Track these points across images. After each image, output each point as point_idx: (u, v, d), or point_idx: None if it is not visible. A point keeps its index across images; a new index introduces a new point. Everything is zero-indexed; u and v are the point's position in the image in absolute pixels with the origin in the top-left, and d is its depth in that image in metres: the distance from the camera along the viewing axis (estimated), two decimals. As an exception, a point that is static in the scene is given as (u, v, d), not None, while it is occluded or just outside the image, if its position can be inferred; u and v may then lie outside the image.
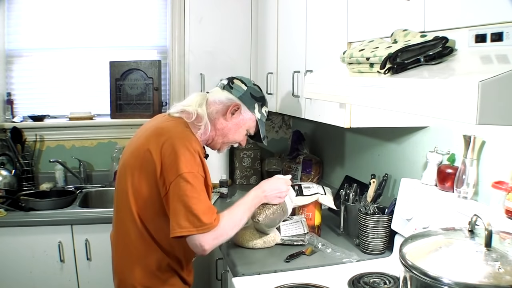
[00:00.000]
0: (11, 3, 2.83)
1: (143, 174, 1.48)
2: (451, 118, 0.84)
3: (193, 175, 1.42)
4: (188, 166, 1.41)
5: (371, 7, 1.45)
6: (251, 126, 1.68)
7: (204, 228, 1.39)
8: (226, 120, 1.63)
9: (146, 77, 2.98)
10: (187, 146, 1.44)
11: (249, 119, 1.67)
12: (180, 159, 1.41)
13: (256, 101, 1.67)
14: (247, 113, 1.65)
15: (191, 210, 1.38)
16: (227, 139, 1.66)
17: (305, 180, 2.53)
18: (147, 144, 1.48)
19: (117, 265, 1.61)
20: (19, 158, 2.72)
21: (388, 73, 1.08)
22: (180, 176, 1.40)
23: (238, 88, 1.65)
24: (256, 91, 1.68)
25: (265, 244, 1.74)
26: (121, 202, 1.55)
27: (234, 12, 2.71)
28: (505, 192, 1.27)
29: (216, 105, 1.62)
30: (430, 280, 0.90)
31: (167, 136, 1.47)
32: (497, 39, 0.95)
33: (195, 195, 1.40)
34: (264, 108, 1.71)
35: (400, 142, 1.87)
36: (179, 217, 1.39)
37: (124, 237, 1.55)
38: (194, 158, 1.44)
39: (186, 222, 1.38)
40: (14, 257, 2.30)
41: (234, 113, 1.63)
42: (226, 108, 1.62)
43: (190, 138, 1.49)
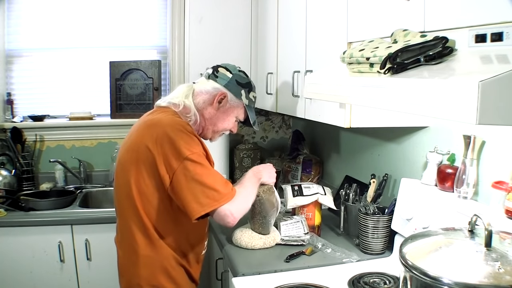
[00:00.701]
0: (11, 3, 2.83)
1: (143, 169, 1.47)
2: (451, 118, 0.84)
3: (198, 155, 1.44)
4: (190, 148, 1.43)
5: (371, 7, 1.45)
6: (240, 112, 1.70)
7: (225, 198, 1.42)
8: (214, 109, 1.64)
9: (146, 77, 2.98)
10: (181, 130, 1.45)
11: (237, 106, 1.68)
12: (179, 144, 1.42)
13: (242, 88, 1.67)
14: (234, 101, 1.66)
15: (207, 185, 1.41)
16: (217, 128, 1.67)
17: (305, 180, 2.53)
18: (141, 138, 1.48)
19: (122, 265, 1.60)
20: (19, 158, 2.72)
21: (388, 73, 1.08)
22: (186, 159, 1.41)
23: (223, 77, 1.66)
24: (242, 78, 1.68)
25: (265, 245, 1.74)
26: (123, 201, 1.54)
27: (234, 12, 2.71)
28: (505, 192, 1.27)
29: (202, 95, 1.63)
30: (430, 280, 0.90)
31: (158, 125, 1.48)
32: (497, 39, 0.95)
33: (206, 171, 1.43)
34: (252, 93, 1.71)
35: (400, 142, 1.87)
36: (198, 196, 1.40)
37: (129, 237, 1.54)
38: (192, 139, 1.45)
39: (206, 199, 1.40)
40: (14, 257, 2.29)
41: (221, 102, 1.64)
42: (213, 98, 1.63)
43: (181, 122, 1.51)
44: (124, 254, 1.59)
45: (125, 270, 1.59)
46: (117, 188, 1.59)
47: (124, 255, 1.59)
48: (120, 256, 1.61)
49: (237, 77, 1.67)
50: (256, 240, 1.73)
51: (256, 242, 1.73)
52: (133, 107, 3.01)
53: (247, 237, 1.75)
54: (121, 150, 1.60)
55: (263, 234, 1.77)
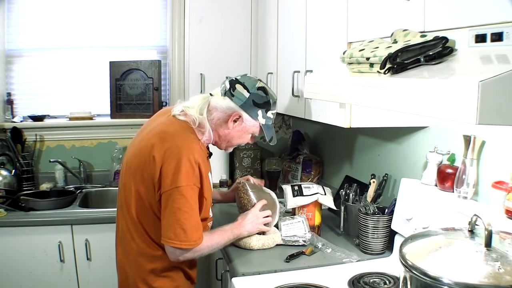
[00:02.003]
0: (11, 3, 2.83)
1: (144, 177, 1.49)
2: (451, 118, 0.84)
3: (190, 188, 1.44)
4: (186, 179, 1.43)
5: (371, 7, 1.45)
6: (255, 131, 1.66)
7: (187, 244, 1.44)
8: (229, 128, 1.60)
9: (146, 77, 2.98)
10: (188, 157, 1.44)
11: (253, 126, 1.63)
12: (180, 171, 1.42)
13: (259, 108, 1.60)
14: (249, 121, 1.61)
15: (181, 223, 1.42)
16: (231, 144, 1.67)
17: (305, 180, 2.52)
18: (151, 148, 1.48)
19: (120, 261, 1.62)
20: (19, 158, 2.71)
21: (388, 73, 1.08)
22: (177, 188, 1.42)
23: (239, 96, 1.58)
24: (260, 97, 1.59)
25: (263, 245, 1.74)
26: (124, 201, 1.57)
27: (234, 12, 2.70)
28: (505, 192, 1.27)
29: (217, 112, 1.59)
30: (430, 280, 0.90)
31: (171, 143, 1.47)
32: (497, 39, 0.95)
33: (188, 209, 1.43)
34: (270, 112, 1.64)
35: (400, 142, 1.87)
36: (168, 228, 1.44)
37: (127, 236, 1.56)
38: (193, 170, 1.45)
39: (172, 234, 1.43)
40: (14, 257, 2.29)
41: (236, 121, 1.60)
42: (228, 117, 1.58)
43: (193, 147, 1.49)
44: (123, 251, 1.60)
45: (122, 267, 1.61)
46: (121, 188, 1.61)
47: (122, 252, 1.60)
48: (119, 252, 1.63)
49: (254, 97, 1.58)
50: (255, 241, 1.73)
51: (254, 243, 1.73)
52: (133, 107, 3.01)
53: (246, 238, 1.74)
54: (130, 151, 1.61)
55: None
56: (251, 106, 1.59)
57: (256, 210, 1.73)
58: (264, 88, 1.62)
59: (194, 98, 1.63)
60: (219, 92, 1.63)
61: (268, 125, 1.65)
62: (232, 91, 1.58)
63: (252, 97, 1.58)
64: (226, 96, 1.59)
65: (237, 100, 1.58)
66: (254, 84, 1.60)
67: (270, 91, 1.64)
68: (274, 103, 1.66)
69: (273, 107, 1.65)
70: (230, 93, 1.59)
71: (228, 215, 2.07)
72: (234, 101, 1.58)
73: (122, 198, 1.59)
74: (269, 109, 1.63)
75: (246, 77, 1.64)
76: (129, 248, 1.56)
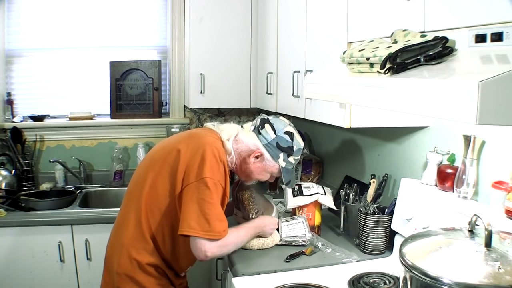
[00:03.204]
0: (11, 3, 2.83)
1: (166, 168, 1.52)
2: (451, 118, 0.84)
3: (214, 182, 1.46)
4: (212, 173, 1.46)
5: (371, 7, 1.45)
6: (274, 172, 1.69)
7: (211, 234, 1.43)
8: (249, 163, 1.65)
9: (146, 77, 2.98)
10: (214, 154, 1.49)
11: (272, 166, 1.67)
12: (205, 164, 1.46)
13: (282, 151, 1.65)
14: (270, 161, 1.65)
15: (204, 214, 1.43)
16: (250, 178, 1.71)
17: (305, 180, 2.52)
18: (178, 142, 1.56)
19: (109, 249, 1.63)
20: (19, 158, 2.72)
21: (388, 73, 1.08)
22: (202, 180, 1.45)
23: (265, 135, 1.64)
24: (285, 141, 1.64)
25: (263, 245, 1.74)
26: (134, 191, 1.58)
27: (234, 12, 2.70)
28: (505, 192, 1.27)
29: (242, 145, 1.64)
30: (430, 280, 0.90)
31: (199, 140, 1.53)
32: (497, 39, 0.95)
33: (212, 201, 1.45)
34: (292, 157, 1.67)
35: (400, 142, 1.87)
36: (190, 217, 1.43)
37: (122, 226, 1.58)
38: (218, 167, 1.49)
39: (196, 224, 1.42)
40: (14, 257, 2.29)
41: (257, 158, 1.65)
42: (251, 152, 1.64)
43: (220, 148, 1.54)
44: (114, 239, 1.61)
45: (109, 255, 1.62)
46: (136, 178, 1.62)
47: (113, 240, 1.61)
48: (111, 240, 1.63)
49: (279, 140, 1.64)
50: (254, 241, 1.73)
51: (254, 243, 1.72)
52: (133, 107, 3.01)
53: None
54: (155, 148, 1.66)
55: None
56: (275, 148, 1.64)
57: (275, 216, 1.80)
58: (292, 134, 1.67)
59: (226, 125, 1.70)
60: (248, 126, 1.70)
61: (288, 169, 1.69)
62: (261, 129, 1.65)
63: (277, 140, 1.64)
64: (254, 132, 1.66)
65: (263, 139, 1.64)
66: (282, 128, 1.66)
67: (297, 137, 1.69)
68: (298, 150, 1.69)
69: (296, 154, 1.69)
70: (258, 130, 1.66)
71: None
72: (260, 139, 1.64)
73: (133, 185, 1.61)
74: (291, 155, 1.67)
75: (278, 119, 1.69)
76: (120, 236, 1.57)
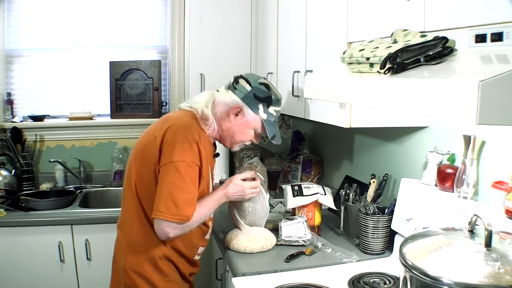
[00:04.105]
0: (11, 3, 2.83)
1: (144, 160, 1.52)
2: (451, 118, 0.84)
3: (186, 164, 1.45)
4: (183, 155, 1.45)
5: (371, 7, 1.45)
6: (257, 126, 1.66)
7: (177, 218, 1.43)
8: (231, 122, 1.63)
9: (146, 77, 2.98)
10: (185, 134, 1.48)
11: (254, 120, 1.64)
12: (176, 147, 1.45)
13: (260, 102, 1.63)
14: (251, 115, 1.63)
15: (173, 197, 1.42)
16: (234, 140, 1.67)
17: (305, 180, 2.52)
18: (154, 129, 1.56)
19: (116, 248, 1.64)
20: (19, 158, 2.72)
21: (388, 73, 1.08)
22: (172, 163, 1.44)
23: (241, 89, 1.62)
24: (261, 91, 1.63)
25: (263, 248, 1.72)
26: (127, 188, 1.59)
27: (234, 12, 2.70)
28: (505, 192, 1.27)
29: (221, 106, 1.63)
30: (430, 280, 0.90)
31: (171, 122, 1.52)
32: (497, 39, 0.95)
33: (181, 184, 1.44)
34: (272, 107, 1.66)
35: (400, 142, 1.87)
36: (159, 201, 1.44)
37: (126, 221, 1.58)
38: (191, 147, 1.47)
39: (164, 207, 1.43)
40: (14, 257, 2.30)
41: (238, 115, 1.62)
42: (229, 109, 1.62)
43: (192, 127, 1.52)
44: (120, 237, 1.62)
45: (116, 253, 1.63)
46: (126, 173, 1.63)
47: (120, 238, 1.62)
48: (117, 238, 1.64)
49: (255, 91, 1.62)
50: (254, 244, 1.72)
51: (254, 246, 1.71)
52: (133, 107, 3.01)
53: (244, 241, 1.73)
54: (137, 142, 1.66)
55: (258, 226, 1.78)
56: (252, 100, 1.62)
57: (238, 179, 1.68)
58: (267, 85, 1.66)
59: (201, 94, 1.69)
60: (223, 88, 1.69)
61: (270, 122, 1.66)
62: (235, 85, 1.64)
63: (254, 91, 1.62)
64: (229, 90, 1.64)
65: (239, 93, 1.62)
66: (256, 79, 1.65)
67: (273, 88, 1.68)
68: (277, 100, 1.67)
69: (275, 104, 1.67)
70: (233, 87, 1.64)
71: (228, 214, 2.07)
72: (236, 94, 1.62)
73: (125, 182, 1.61)
74: (270, 105, 1.65)
75: (250, 74, 1.70)
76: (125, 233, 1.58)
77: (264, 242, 1.74)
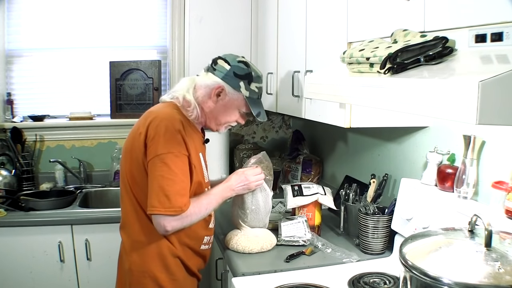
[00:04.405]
0: (11, 3, 2.83)
1: (133, 158, 1.51)
2: (451, 118, 0.84)
3: (173, 155, 1.44)
4: (168, 147, 1.44)
5: (371, 7, 1.45)
6: (241, 105, 1.64)
7: (172, 210, 1.42)
8: (213, 103, 1.61)
9: (146, 77, 2.98)
10: (167, 126, 1.47)
11: (237, 99, 1.62)
12: (159, 140, 1.44)
13: (241, 79, 1.60)
14: (233, 93, 1.61)
15: (164, 190, 1.42)
16: (219, 121, 1.66)
17: (305, 180, 2.53)
18: (138, 126, 1.54)
19: (121, 250, 1.63)
20: (19, 158, 2.72)
21: (388, 73, 1.08)
22: (158, 156, 1.44)
23: (220, 69, 1.61)
24: (241, 69, 1.61)
25: (262, 249, 1.72)
26: (122, 187, 1.58)
27: (234, 12, 2.70)
28: (505, 192, 1.27)
29: (202, 89, 1.61)
30: (430, 280, 0.90)
31: (153, 116, 1.51)
32: (497, 39, 0.95)
33: (170, 176, 1.43)
34: (254, 84, 1.63)
35: (400, 142, 1.87)
36: (152, 196, 1.43)
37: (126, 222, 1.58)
38: (174, 138, 1.46)
39: (156, 202, 1.42)
40: (14, 257, 2.29)
41: (219, 95, 1.61)
42: (211, 91, 1.60)
43: (173, 118, 1.51)
44: (124, 239, 1.61)
45: (121, 255, 1.62)
46: (120, 174, 1.63)
47: (124, 240, 1.61)
48: (122, 241, 1.63)
49: (235, 69, 1.60)
50: (254, 244, 1.71)
51: (253, 246, 1.71)
52: (133, 107, 3.00)
53: (243, 241, 1.73)
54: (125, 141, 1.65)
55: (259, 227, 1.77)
56: (233, 78, 1.60)
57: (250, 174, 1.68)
58: (246, 62, 1.64)
59: (181, 82, 1.68)
60: (202, 72, 1.68)
61: (253, 99, 1.64)
62: (214, 65, 1.63)
63: (233, 69, 1.61)
64: (208, 72, 1.64)
65: (219, 73, 1.61)
66: (234, 58, 1.64)
67: (252, 65, 1.66)
68: (258, 77, 1.65)
69: (256, 80, 1.64)
70: (212, 68, 1.63)
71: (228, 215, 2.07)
72: (216, 75, 1.61)
73: (121, 184, 1.60)
74: (252, 81, 1.63)
75: (228, 54, 1.67)
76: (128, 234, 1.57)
77: (264, 242, 1.74)
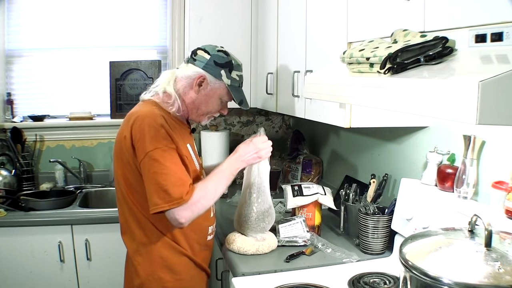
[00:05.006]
0: (11, 3, 2.83)
1: (124, 161, 1.51)
2: (451, 118, 0.84)
3: (161, 150, 1.44)
4: (154, 143, 1.44)
5: (371, 7, 1.45)
6: (223, 94, 1.64)
7: (175, 203, 1.41)
8: (195, 93, 1.61)
9: (146, 77, 2.98)
10: (149, 123, 1.47)
11: (219, 88, 1.62)
12: (145, 139, 1.44)
13: (222, 68, 1.60)
14: (214, 82, 1.61)
15: (161, 186, 1.41)
16: (201, 111, 1.65)
17: (305, 180, 2.53)
18: (122, 130, 1.54)
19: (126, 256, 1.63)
20: (19, 158, 2.72)
21: (388, 73, 1.08)
22: (147, 154, 1.44)
23: (200, 59, 1.61)
24: (221, 57, 1.61)
25: (257, 251, 1.70)
26: (117, 192, 1.58)
27: (234, 12, 2.70)
28: (505, 192, 1.27)
29: (183, 81, 1.61)
30: (430, 280, 0.90)
31: (134, 117, 1.51)
32: (497, 39, 0.95)
33: (163, 171, 1.43)
34: (234, 72, 1.63)
35: (400, 142, 1.87)
36: (152, 195, 1.43)
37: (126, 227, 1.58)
38: (158, 133, 1.46)
39: (158, 199, 1.42)
40: (14, 257, 2.30)
41: (201, 85, 1.60)
42: (192, 81, 1.60)
43: (154, 114, 1.50)
44: (127, 244, 1.60)
45: (127, 260, 1.62)
46: (114, 181, 1.62)
47: (127, 245, 1.60)
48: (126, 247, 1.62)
49: (215, 58, 1.60)
50: (249, 245, 1.70)
51: (248, 248, 1.70)
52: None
53: (240, 242, 1.72)
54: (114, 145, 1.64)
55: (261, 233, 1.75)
56: (213, 67, 1.60)
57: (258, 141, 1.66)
58: (226, 52, 1.65)
59: (161, 75, 1.67)
60: (182, 64, 1.67)
61: (235, 87, 1.64)
62: (194, 56, 1.63)
63: (213, 58, 1.60)
64: (189, 63, 1.63)
65: (199, 63, 1.61)
66: (214, 48, 1.64)
67: (231, 54, 1.66)
68: (238, 65, 1.66)
69: (237, 68, 1.65)
70: (192, 59, 1.63)
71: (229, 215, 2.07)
72: (197, 65, 1.61)
73: (116, 190, 1.60)
74: (232, 69, 1.63)
75: (207, 44, 1.67)
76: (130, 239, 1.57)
77: (259, 245, 1.71)
